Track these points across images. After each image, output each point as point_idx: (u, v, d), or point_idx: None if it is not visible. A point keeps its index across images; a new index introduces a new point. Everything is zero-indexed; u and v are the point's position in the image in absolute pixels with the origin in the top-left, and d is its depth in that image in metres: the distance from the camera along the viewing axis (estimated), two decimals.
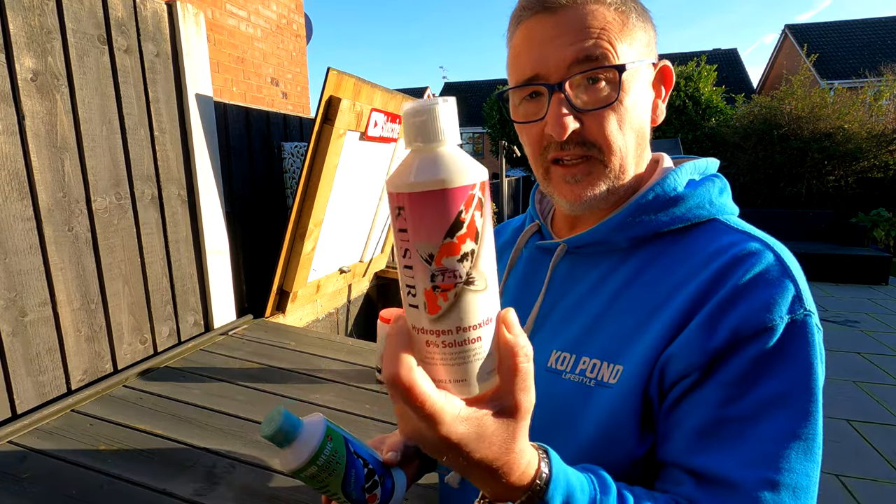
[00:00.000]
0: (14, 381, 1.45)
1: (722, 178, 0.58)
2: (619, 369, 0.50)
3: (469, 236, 0.29)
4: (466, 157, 0.30)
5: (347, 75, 2.12)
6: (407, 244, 0.30)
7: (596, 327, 0.53)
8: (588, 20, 0.50)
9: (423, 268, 0.29)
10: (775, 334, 0.44)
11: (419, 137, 0.29)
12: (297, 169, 2.72)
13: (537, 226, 0.67)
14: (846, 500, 2.29)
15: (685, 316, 0.47)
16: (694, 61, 10.39)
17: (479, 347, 0.31)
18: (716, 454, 0.43)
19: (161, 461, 1.33)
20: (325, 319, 2.99)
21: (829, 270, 6.44)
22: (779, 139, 8.62)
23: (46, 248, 1.52)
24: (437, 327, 0.30)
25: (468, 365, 0.31)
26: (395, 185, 0.30)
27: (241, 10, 4.34)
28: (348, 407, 1.67)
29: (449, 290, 0.29)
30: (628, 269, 0.54)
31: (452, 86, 26.04)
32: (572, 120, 0.50)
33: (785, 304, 0.45)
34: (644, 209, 0.54)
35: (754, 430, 0.43)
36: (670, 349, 0.47)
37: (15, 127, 1.42)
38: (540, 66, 0.51)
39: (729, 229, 0.53)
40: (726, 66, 18.08)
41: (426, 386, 0.30)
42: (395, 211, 0.30)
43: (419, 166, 0.29)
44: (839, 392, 3.33)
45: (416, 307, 0.30)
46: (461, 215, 0.29)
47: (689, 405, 0.46)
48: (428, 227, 0.29)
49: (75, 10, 1.56)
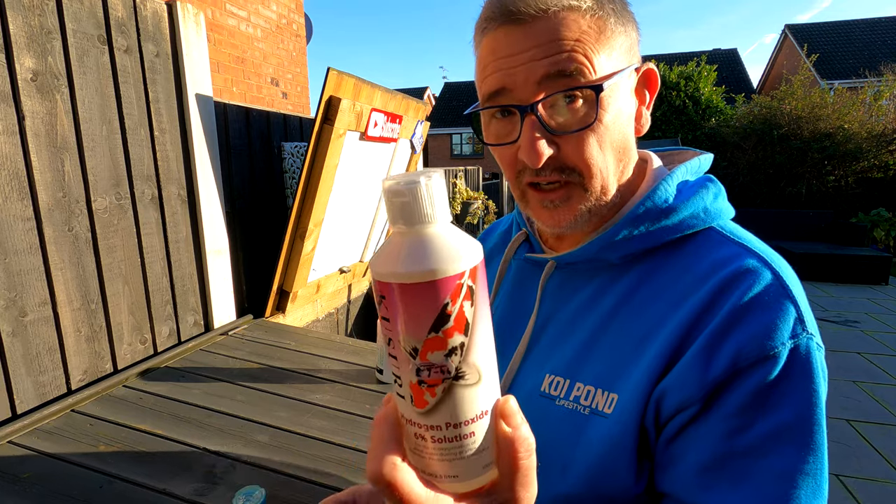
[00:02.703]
0: (14, 381, 1.45)
1: (716, 182, 0.54)
2: (615, 398, 0.47)
3: (457, 330, 0.27)
4: (457, 239, 0.27)
5: (347, 75, 2.12)
6: (390, 333, 0.27)
7: (590, 350, 0.50)
8: (561, 31, 0.44)
9: (408, 361, 0.27)
10: (778, 363, 0.41)
11: (401, 219, 0.27)
12: (297, 169, 2.72)
13: (525, 234, 0.63)
14: (846, 500, 2.29)
15: (681, 341, 0.45)
16: (694, 61, 10.39)
17: (472, 442, 0.28)
18: (721, 493, 0.41)
19: (161, 461, 1.33)
20: (325, 319, 2.99)
21: (829, 270, 6.44)
22: (779, 139, 8.62)
23: (46, 248, 1.52)
24: (427, 422, 0.28)
25: (462, 461, 0.28)
26: (377, 273, 0.27)
27: (241, 10, 4.34)
28: (348, 407, 1.67)
29: (436, 386, 0.27)
30: (622, 287, 0.51)
31: (452, 86, 26.04)
32: (546, 145, 0.46)
33: (787, 329, 0.42)
34: (635, 224, 0.50)
35: (760, 467, 0.40)
36: (666, 381, 0.44)
37: (15, 127, 1.42)
38: (507, 81, 0.46)
39: (725, 240, 0.49)
40: (726, 66, 18.07)
41: (412, 484, 0.27)
42: (378, 297, 0.27)
43: (404, 253, 0.26)
44: (839, 392, 3.33)
45: (404, 398, 0.28)
46: (447, 308, 0.26)
47: (691, 439, 0.43)
48: (412, 320, 0.26)
49: (75, 10, 1.56)
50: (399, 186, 0.26)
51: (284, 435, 1.49)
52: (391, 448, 0.28)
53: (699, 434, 0.43)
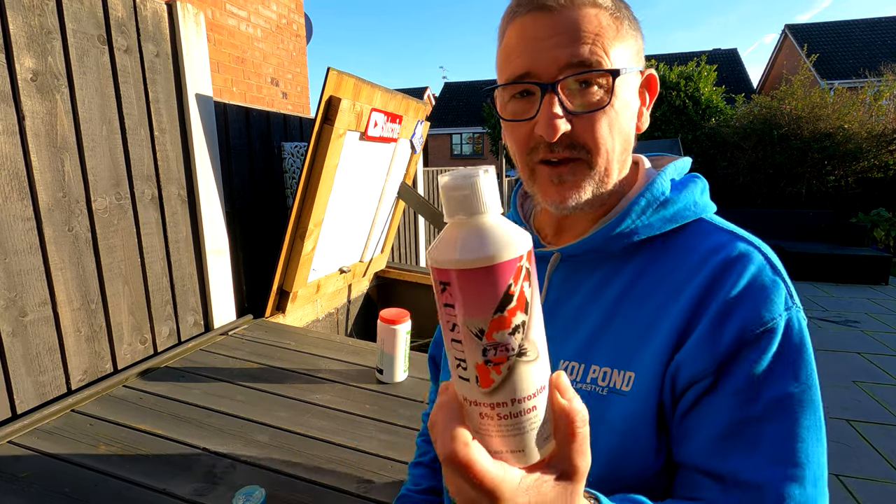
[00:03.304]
0: (14, 381, 1.45)
1: (701, 178, 0.59)
2: (632, 376, 0.50)
3: (519, 308, 0.29)
4: (511, 227, 0.30)
5: (347, 75, 2.12)
6: (454, 319, 0.29)
7: (601, 335, 0.53)
8: (583, 24, 0.49)
9: (474, 342, 0.29)
10: (777, 333, 0.46)
11: (461, 211, 0.29)
12: (297, 169, 2.72)
13: None
14: (846, 500, 2.29)
15: (688, 320, 0.48)
16: (694, 61, 10.39)
17: (535, 416, 0.31)
18: (738, 457, 0.45)
19: (161, 461, 1.33)
20: (325, 319, 2.99)
21: (829, 270, 6.44)
22: (779, 139, 8.62)
23: (46, 248, 1.52)
24: (492, 400, 0.30)
25: (525, 435, 0.31)
26: (438, 261, 0.29)
27: (241, 10, 4.34)
28: (348, 407, 1.67)
29: (502, 364, 0.29)
30: (626, 275, 0.55)
31: (452, 86, 26.03)
32: (564, 122, 0.50)
33: (781, 303, 0.47)
34: (637, 214, 0.54)
35: (771, 430, 0.44)
36: (679, 355, 0.48)
37: (15, 127, 1.42)
38: (533, 64, 0.50)
39: (715, 229, 0.55)
40: (726, 66, 18.06)
41: (483, 461, 0.29)
42: (438, 286, 0.29)
43: (464, 241, 0.28)
44: (839, 392, 3.33)
45: (468, 380, 0.30)
46: (510, 289, 0.28)
47: (706, 409, 0.47)
48: (477, 302, 0.28)
49: (75, 10, 1.56)
50: (459, 181, 0.29)
51: (284, 435, 1.49)
52: (460, 429, 0.30)
53: (713, 405, 0.47)
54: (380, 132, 2.59)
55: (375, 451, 1.42)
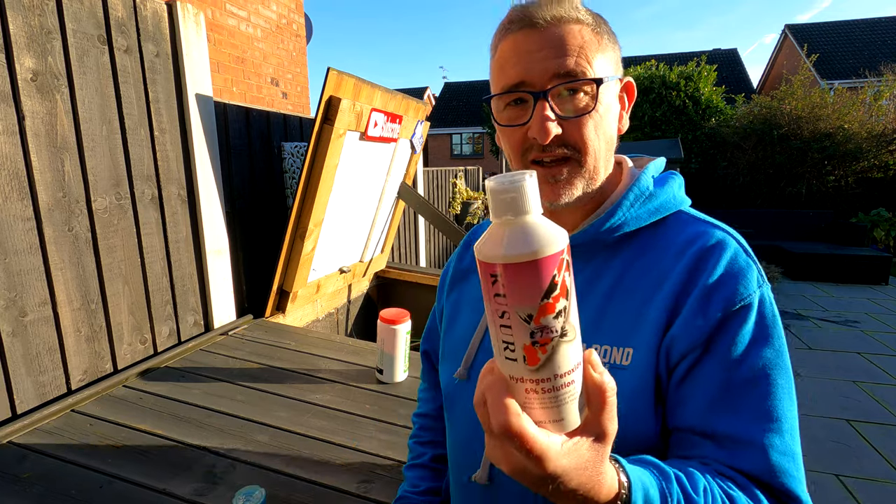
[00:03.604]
0: (14, 381, 1.45)
1: (678, 175, 0.67)
2: (630, 351, 0.56)
3: (562, 295, 0.33)
4: (552, 225, 0.34)
5: (347, 75, 2.12)
6: (504, 307, 0.33)
7: (601, 317, 0.59)
8: (569, 38, 0.56)
9: (523, 327, 0.33)
10: (753, 307, 0.54)
11: (509, 211, 0.33)
12: (297, 169, 2.72)
13: None
14: (846, 500, 2.29)
15: (676, 300, 0.55)
16: (694, 61, 10.38)
17: (573, 389, 0.35)
18: (727, 417, 0.52)
19: (161, 461, 1.33)
20: (325, 319, 2.99)
21: (829, 270, 6.44)
22: (779, 139, 8.62)
23: (46, 248, 1.52)
24: (537, 377, 0.34)
25: (565, 406, 0.35)
26: (488, 256, 0.33)
27: (241, 10, 4.34)
28: (348, 407, 1.67)
29: (547, 344, 0.33)
30: (617, 265, 0.61)
31: (452, 86, 26.03)
32: (555, 125, 0.56)
33: (754, 281, 0.55)
34: (626, 207, 0.61)
35: (754, 391, 0.52)
36: (673, 330, 0.54)
37: (15, 127, 1.42)
38: (526, 74, 0.57)
39: (692, 219, 0.62)
40: (726, 66, 18.06)
41: (533, 430, 0.34)
42: (489, 277, 0.33)
43: (512, 238, 0.32)
44: (839, 392, 3.32)
45: (515, 360, 0.34)
46: (555, 279, 0.32)
47: (698, 377, 0.54)
48: (526, 291, 0.32)
49: (75, 10, 1.56)
50: (507, 185, 0.32)
51: (284, 435, 1.49)
52: (511, 402, 0.34)
53: (704, 372, 0.54)
54: (380, 132, 2.59)
55: (375, 451, 1.42)
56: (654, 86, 10.08)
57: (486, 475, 0.63)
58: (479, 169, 9.06)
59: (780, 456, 0.51)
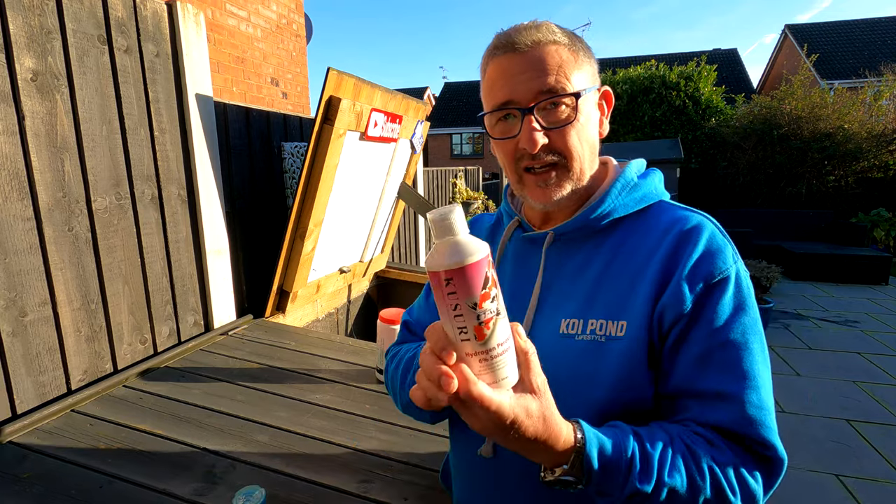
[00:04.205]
0: (14, 381, 1.45)
1: (658, 170, 0.75)
2: (624, 324, 0.63)
3: (493, 286, 0.46)
4: (477, 239, 0.46)
5: (347, 75, 2.12)
6: (457, 300, 0.45)
7: (595, 295, 0.66)
8: (548, 59, 0.64)
9: (471, 313, 0.45)
10: (731, 279, 0.62)
11: (449, 233, 0.45)
12: (297, 169, 2.72)
13: (518, 222, 0.79)
14: (846, 500, 2.29)
15: (664, 274, 0.63)
16: (694, 61, 10.38)
17: (510, 354, 0.48)
18: (712, 376, 0.59)
19: (161, 461, 1.33)
20: (325, 319, 2.99)
21: (829, 270, 6.44)
22: (779, 139, 8.62)
23: (46, 248, 1.52)
24: (486, 348, 0.46)
25: (507, 367, 0.48)
26: (442, 265, 0.44)
27: (241, 10, 4.34)
28: (348, 407, 1.67)
29: (490, 322, 0.45)
30: (607, 248, 0.69)
31: (452, 86, 26.01)
32: (541, 135, 0.64)
33: (730, 257, 0.63)
34: (614, 196, 0.69)
35: (735, 354, 0.59)
36: (663, 300, 0.62)
37: (15, 127, 1.42)
38: (512, 94, 0.65)
39: (673, 207, 0.70)
40: (726, 66, 18.05)
41: (488, 392, 0.46)
42: (442, 282, 0.45)
43: (456, 250, 0.44)
44: (839, 392, 3.32)
45: (469, 339, 0.46)
46: (488, 274, 0.45)
47: (686, 343, 0.61)
48: (471, 286, 0.44)
49: (75, 10, 1.56)
50: (445, 214, 0.45)
51: (284, 435, 1.49)
52: (467, 371, 0.46)
53: (691, 338, 0.61)
54: (380, 132, 2.59)
55: (375, 451, 1.42)
56: (654, 86, 10.08)
57: (491, 448, 0.70)
58: (479, 169, 9.06)
59: (756, 409, 0.58)
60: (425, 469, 1.35)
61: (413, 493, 1.25)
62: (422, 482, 1.29)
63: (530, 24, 0.67)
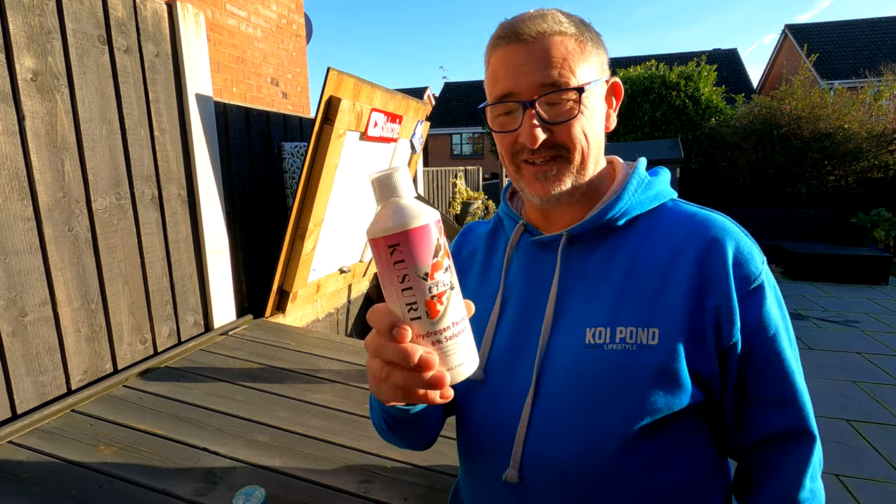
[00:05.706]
0: (14, 381, 1.45)
1: (665, 169, 0.73)
2: (656, 331, 0.60)
3: (446, 255, 0.40)
4: (425, 203, 0.42)
5: (347, 75, 2.12)
6: (405, 270, 0.38)
7: (620, 301, 0.62)
8: (553, 51, 0.60)
9: (422, 285, 0.38)
10: (763, 281, 0.62)
11: (394, 194, 0.39)
12: (297, 169, 2.72)
13: (523, 226, 0.74)
14: (846, 499, 2.29)
15: (700, 279, 0.60)
16: (694, 61, 10.37)
17: (465, 336, 0.42)
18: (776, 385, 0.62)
19: (161, 461, 1.33)
20: (325, 319, 2.99)
21: (829, 270, 6.43)
22: (779, 139, 8.61)
23: (46, 248, 1.52)
24: (440, 327, 0.40)
25: (460, 353, 0.41)
26: (387, 229, 0.38)
27: (241, 10, 4.34)
28: (348, 407, 1.67)
29: (443, 296, 0.39)
30: (628, 249, 0.65)
31: (452, 86, 26.02)
32: (542, 131, 0.61)
33: (760, 258, 0.63)
34: (630, 193, 0.66)
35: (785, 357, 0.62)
36: (708, 307, 0.60)
37: (15, 127, 1.42)
38: (514, 86, 0.61)
39: (685, 205, 0.68)
40: (726, 66, 18.05)
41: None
42: (387, 249, 0.38)
43: (402, 212, 0.38)
44: (839, 392, 3.32)
45: (420, 317, 0.39)
46: (439, 241, 0.39)
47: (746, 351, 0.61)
48: (421, 253, 0.38)
49: (75, 10, 1.56)
50: (389, 174, 0.39)
51: (284, 435, 1.49)
52: None
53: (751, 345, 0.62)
54: (380, 132, 2.59)
55: (375, 451, 1.42)
56: (654, 86, 10.07)
57: (517, 474, 0.64)
58: (479, 169, 9.06)
59: (808, 405, 0.63)
60: (425, 469, 1.35)
61: (413, 494, 1.25)
62: (422, 482, 1.29)
63: (536, 12, 0.63)
